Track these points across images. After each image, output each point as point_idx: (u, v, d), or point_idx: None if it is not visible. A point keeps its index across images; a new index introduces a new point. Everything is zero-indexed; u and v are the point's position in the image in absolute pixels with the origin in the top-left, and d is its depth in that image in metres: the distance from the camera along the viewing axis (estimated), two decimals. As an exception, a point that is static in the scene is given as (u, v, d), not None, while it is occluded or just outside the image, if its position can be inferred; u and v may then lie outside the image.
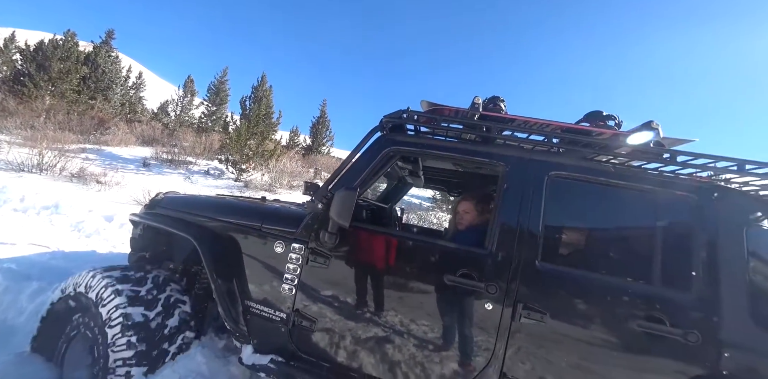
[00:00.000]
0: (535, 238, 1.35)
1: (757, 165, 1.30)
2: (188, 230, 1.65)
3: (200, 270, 2.01)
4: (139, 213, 1.97)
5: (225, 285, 1.55)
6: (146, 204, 2.01)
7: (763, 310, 1.17)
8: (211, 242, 1.61)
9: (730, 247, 1.24)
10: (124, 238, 3.82)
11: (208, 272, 1.52)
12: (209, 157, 13.14)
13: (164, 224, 1.72)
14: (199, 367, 1.60)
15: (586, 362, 1.25)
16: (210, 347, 1.82)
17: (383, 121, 1.60)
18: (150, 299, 1.56)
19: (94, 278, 1.55)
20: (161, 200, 1.99)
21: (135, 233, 2.00)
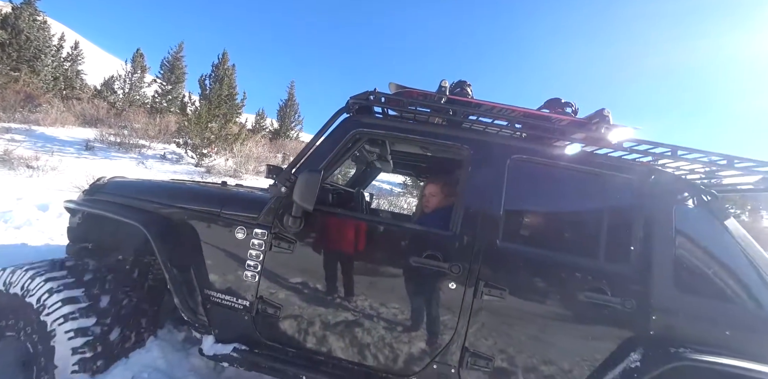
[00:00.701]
0: (496, 219, 1.41)
1: (687, 151, 1.44)
2: (137, 218, 1.51)
3: (153, 260, 1.87)
4: (76, 200, 1.77)
5: (181, 275, 1.46)
6: (85, 190, 1.80)
7: (684, 278, 1.33)
8: (164, 229, 1.50)
9: (661, 224, 1.38)
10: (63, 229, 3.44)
11: (161, 262, 1.42)
12: (165, 140, 12.12)
13: (108, 212, 1.56)
14: (155, 361, 1.53)
15: (540, 333, 1.35)
16: (168, 340, 1.74)
17: (350, 103, 1.55)
18: (95, 297, 1.42)
19: (33, 280, 1.37)
20: (104, 185, 1.79)
21: (73, 222, 1.79)
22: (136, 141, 11.01)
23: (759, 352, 1.25)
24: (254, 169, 10.99)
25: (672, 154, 1.47)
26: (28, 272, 1.37)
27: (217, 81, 12.07)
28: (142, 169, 9.34)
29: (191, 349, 1.79)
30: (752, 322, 1.29)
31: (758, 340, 1.27)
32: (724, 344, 1.27)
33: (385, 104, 1.57)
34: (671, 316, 1.30)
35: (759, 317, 1.29)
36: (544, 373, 1.34)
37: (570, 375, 1.32)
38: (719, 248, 1.39)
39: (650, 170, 1.49)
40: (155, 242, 1.44)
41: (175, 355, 1.68)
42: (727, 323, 1.29)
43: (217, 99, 10.91)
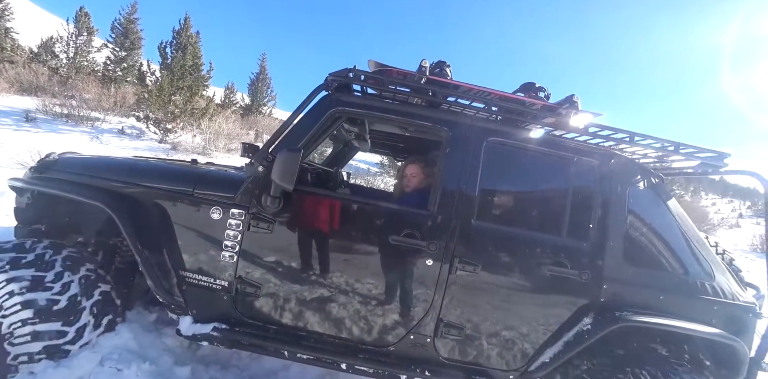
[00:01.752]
0: (472, 199, 1.47)
1: (642, 137, 1.55)
2: (100, 197, 1.41)
3: (120, 242, 1.79)
4: (23, 178, 1.61)
5: (153, 257, 1.42)
6: (33, 167, 1.63)
7: (631, 251, 1.50)
8: (132, 210, 1.42)
9: (616, 204, 1.52)
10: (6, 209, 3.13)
11: (131, 244, 1.36)
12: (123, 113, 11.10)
13: (65, 191, 1.44)
14: (126, 343, 1.52)
15: (507, 303, 1.48)
16: (138, 321, 1.72)
17: (328, 80, 1.49)
18: (58, 279, 1.34)
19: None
20: (55, 161, 1.63)
21: (20, 202, 1.64)
22: (87, 113, 9.98)
23: (683, 311, 1.47)
24: (225, 146, 10.45)
25: (630, 140, 1.59)
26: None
27: (180, 49, 11.00)
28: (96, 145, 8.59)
29: (164, 329, 1.79)
30: (680, 287, 1.49)
31: (683, 301, 1.48)
32: (658, 307, 1.47)
33: (364, 82, 1.53)
34: (619, 285, 1.47)
35: (686, 282, 1.50)
36: (509, 338, 1.48)
37: (531, 339, 1.48)
38: (661, 225, 1.56)
39: (611, 155, 1.61)
40: (123, 223, 1.37)
41: (147, 336, 1.67)
42: (662, 289, 1.48)
43: (180, 69, 10.00)
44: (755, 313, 1.51)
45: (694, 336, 1.46)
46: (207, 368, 1.71)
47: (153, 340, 1.67)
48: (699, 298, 1.49)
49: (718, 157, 1.64)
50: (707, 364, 1.54)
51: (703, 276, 1.52)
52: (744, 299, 1.53)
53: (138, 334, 1.62)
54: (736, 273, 1.90)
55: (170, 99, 9.91)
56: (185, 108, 10.15)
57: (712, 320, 1.47)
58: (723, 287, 1.52)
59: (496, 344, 1.48)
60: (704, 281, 1.51)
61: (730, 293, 1.52)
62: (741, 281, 1.80)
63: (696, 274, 1.52)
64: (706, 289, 1.50)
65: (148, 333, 1.70)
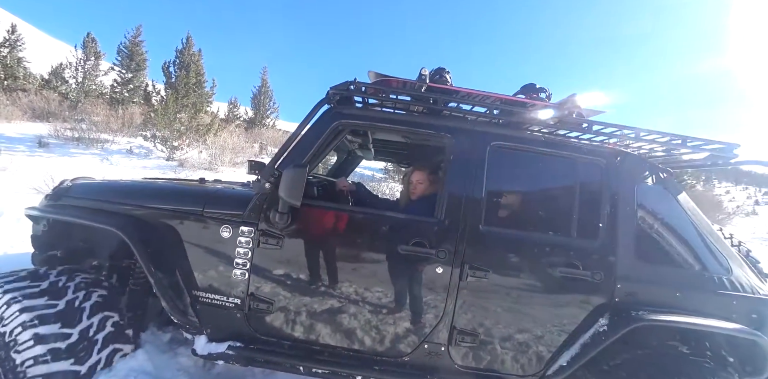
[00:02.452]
0: (478, 204, 1.47)
1: (647, 132, 1.54)
2: (112, 222, 1.45)
3: (133, 264, 1.82)
4: (39, 206, 1.66)
5: (166, 278, 1.43)
6: (48, 194, 1.68)
7: (643, 249, 1.47)
8: (143, 232, 1.45)
9: (625, 201, 1.50)
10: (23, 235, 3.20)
11: (144, 266, 1.38)
12: (131, 133, 11.37)
13: (78, 218, 1.48)
14: (141, 365, 1.53)
15: (520, 307, 1.46)
16: (153, 342, 1.73)
17: (330, 94, 1.52)
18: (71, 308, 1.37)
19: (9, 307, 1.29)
20: (69, 188, 1.68)
21: (37, 229, 1.68)
22: (97, 135, 10.24)
23: (701, 308, 1.43)
24: (230, 160, 10.59)
25: (635, 136, 1.57)
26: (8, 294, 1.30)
27: (183, 68, 11.33)
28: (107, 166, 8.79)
29: (178, 349, 1.80)
30: (697, 283, 1.46)
31: (701, 298, 1.45)
32: (675, 304, 1.43)
33: (365, 94, 1.55)
34: (633, 283, 1.44)
35: (703, 278, 1.46)
36: (525, 342, 1.45)
37: (547, 343, 1.45)
38: (672, 221, 1.53)
39: (616, 152, 1.59)
40: (135, 246, 1.39)
41: (162, 357, 1.69)
42: (678, 286, 1.45)
43: (184, 87, 10.28)
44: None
45: (715, 333, 1.42)
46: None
47: (168, 360, 1.68)
48: (717, 293, 1.45)
49: (727, 149, 1.61)
50: (731, 361, 1.49)
51: (720, 270, 1.48)
52: (764, 292, 1.49)
53: (153, 355, 1.64)
54: (754, 265, 1.84)
55: (176, 117, 10.17)
56: (190, 125, 10.38)
57: (733, 315, 1.42)
58: (741, 281, 1.48)
59: (512, 350, 1.46)
60: (721, 275, 1.47)
61: (750, 287, 1.48)
62: (760, 272, 1.74)
63: (712, 268, 1.48)
64: (723, 283, 1.46)
65: (162, 354, 1.71)
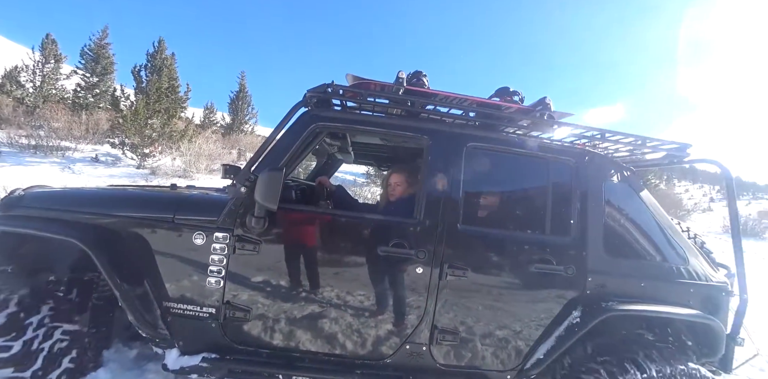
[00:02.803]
0: (456, 204, 1.50)
1: (612, 134, 1.64)
2: (71, 233, 1.34)
3: (97, 276, 1.70)
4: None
5: (133, 290, 1.35)
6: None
7: (611, 243, 1.54)
8: (107, 243, 1.36)
9: (594, 198, 1.58)
10: None
11: (109, 278, 1.30)
12: (96, 140, 10.77)
13: (33, 229, 1.37)
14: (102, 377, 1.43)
15: (498, 303, 1.49)
16: (118, 360, 1.63)
17: (307, 96, 1.51)
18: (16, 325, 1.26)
19: None
20: (21, 197, 1.55)
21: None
22: (56, 143, 9.62)
23: (663, 296, 1.52)
24: (207, 167, 10.25)
25: (602, 137, 1.67)
26: None
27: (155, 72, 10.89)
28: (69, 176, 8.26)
29: (146, 365, 1.70)
30: (659, 273, 1.55)
31: (662, 287, 1.54)
32: (640, 294, 1.51)
33: (343, 97, 1.56)
34: (602, 276, 1.51)
35: (663, 268, 1.56)
36: (503, 338, 1.48)
37: (525, 337, 1.49)
38: (636, 216, 1.63)
39: (585, 152, 1.68)
40: (98, 257, 1.30)
41: (128, 374, 1.60)
42: (642, 276, 1.53)
43: (156, 92, 9.87)
44: (727, 292, 1.59)
45: (675, 319, 1.51)
46: None
47: (134, 376, 1.57)
48: (676, 282, 1.54)
49: (680, 148, 1.73)
50: (689, 344, 1.59)
51: (679, 261, 1.59)
52: (717, 280, 1.60)
53: (117, 373, 1.54)
54: (707, 255, 1.98)
55: (147, 123, 9.72)
56: (163, 131, 9.97)
57: (690, 301, 1.52)
58: (697, 270, 1.59)
59: (491, 346, 1.48)
60: (679, 265, 1.57)
61: (704, 275, 1.59)
62: (713, 262, 1.88)
63: (672, 259, 1.58)
64: (681, 273, 1.56)
65: (128, 371, 1.61)
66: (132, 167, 9.98)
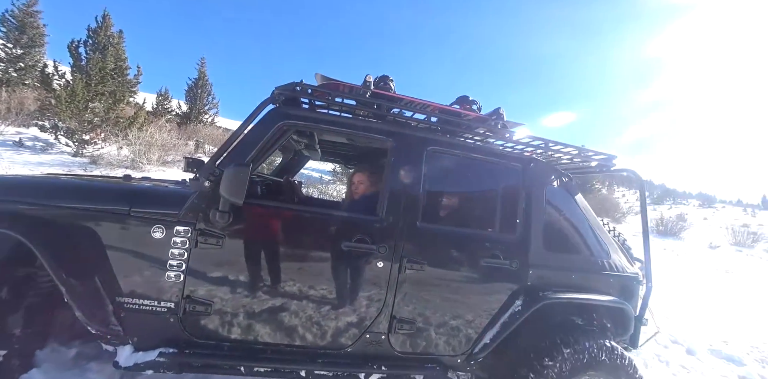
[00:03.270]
0: (416, 203, 1.62)
1: (554, 143, 1.86)
2: (6, 224, 1.25)
3: (33, 272, 1.58)
4: None
5: (81, 285, 1.28)
6: None
7: (549, 240, 1.76)
8: (50, 236, 1.28)
9: (536, 200, 1.79)
10: None
11: (53, 273, 1.22)
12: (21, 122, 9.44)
13: None
14: None
15: (451, 295, 1.64)
16: (53, 360, 1.52)
17: (275, 94, 1.53)
18: None
19: None
20: None
21: None
22: (-32, 122, 8.28)
23: (590, 286, 1.78)
24: (160, 159, 9.45)
25: (545, 147, 1.89)
26: None
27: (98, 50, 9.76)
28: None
29: (87, 365, 1.62)
30: (587, 266, 1.81)
31: (590, 277, 1.80)
32: (572, 284, 1.76)
33: (311, 96, 1.60)
34: (541, 269, 1.72)
35: (590, 261, 1.82)
36: (455, 326, 1.64)
37: (474, 324, 1.66)
38: (571, 216, 1.88)
39: (531, 159, 1.90)
40: (40, 251, 1.22)
41: (66, 374, 1.51)
42: (574, 269, 1.78)
43: (99, 73, 8.86)
44: (638, 281, 1.90)
45: (598, 305, 1.79)
46: None
47: (75, 376, 1.49)
48: (600, 273, 1.81)
49: (608, 159, 2.02)
50: (609, 326, 1.88)
51: (603, 255, 1.86)
52: (631, 271, 1.91)
53: (54, 375, 1.45)
54: (627, 250, 2.34)
55: (87, 106, 8.70)
56: (107, 116, 8.99)
57: (610, 290, 1.80)
58: (617, 263, 1.88)
59: (445, 333, 1.63)
60: (604, 259, 1.85)
61: (621, 267, 1.89)
62: (630, 256, 2.23)
63: (598, 254, 1.85)
64: (605, 266, 1.84)
65: (67, 371, 1.52)
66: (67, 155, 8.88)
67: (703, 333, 3.74)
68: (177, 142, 10.47)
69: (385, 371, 1.54)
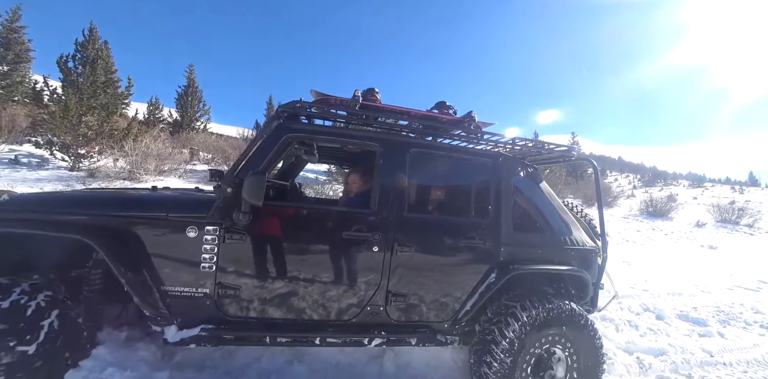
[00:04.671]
0: (402, 196, 1.93)
1: (520, 139, 2.18)
2: (77, 231, 1.53)
3: (87, 273, 1.87)
4: None
5: (136, 277, 1.58)
6: None
7: (518, 222, 2.09)
8: (110, 238, 1.57)
9: (505, 189, 2.12)
10: None
11: (116, 268, 1.51)
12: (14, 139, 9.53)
13: (36, 229, 1.53)
14: (104, 357, 1.68)
15: (437, 272, 1.96)
16: (111, 340, 1.86)
17: (279, 111, 1.83)
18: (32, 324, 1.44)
19: None
20: (6, 202, 1.68)
21: None
22: (-38, 142, 8.37)
23: (553, 258, 2.11)
24: (156, 168, 9.63)
25: (512, 143, 2.21)
26: None
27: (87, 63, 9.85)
28: (-22, 180, 7.30)
29: (136, 344, 1.94)
30: (550, 242, 2.15)
31: (553, 252, 2.13)
32: (538, 258, 2.09)
33: (309, 112, 1.90)
34: (512, 247, 2.05)
35: (553, 238, 2.16)
36: (441, 297, 1.97)
37: (457, 295, 1.98)
38: (536, 201, 2.21)
39: (499, 155, 2.22)
40: (106, 251, 1.50)
41: (122, 351, 1.82)
42: (539, 246, 2.12)
43: (91, 87, 8.99)
44: (596, 252, 2.25)
45: (559, 273, 2.12)
46: (183, 372, 1.89)
47: (128, 354, 1.82)
48: (562, 248, 2.15)
49: (568, 150, 2.35)
50: (573, 292, 2.22)
51: (565, 232, 2.20)
52: (589, 245, 2.26)
53: (113, 350, 1.76)
54: (592, 229, 2.69)
55: (80, 120, 8.84)
56: (101, 130, 9.14)
57: (572, 261, 2.14)
58: (576, 239, 2.22)
59: (432, 303, 1.95)
60: (565, 236, 2.19)
61: (582, 242, 2.23)
62: (594, 234, 2.57)
63: (560, 232, 2.19)
64: (566, 241, 2.18)
65: (122, 349, 1.83)
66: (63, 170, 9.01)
67: (675, 302, 4.14)
68: (172, 151, 10.64)
69: (384, 336, 1.87)
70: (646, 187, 46.51)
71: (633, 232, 11.71)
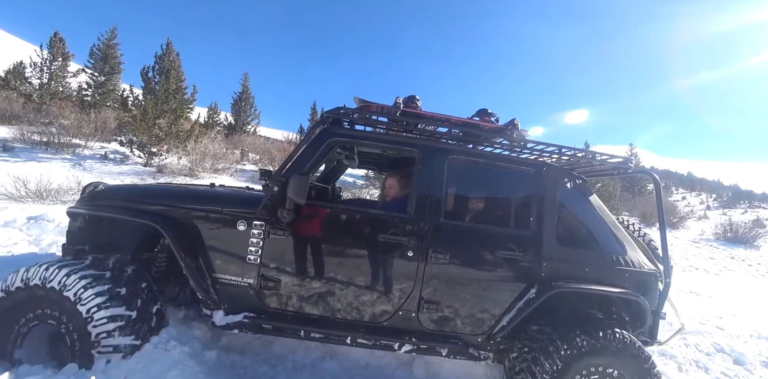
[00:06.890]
0: (439, 203, 1.92)
1: (567, 149, 2.06)
2: (152, 219, 1.77)
3: (154, 256, 2.13)
4: (78, 206, 1.97)
5: (194, 263, 1.77)
6: (83, 197, 2.00)
7: (562, 236, 1.96)
8: (175, 227, 1.78)
9: (550, 201, 2.00)
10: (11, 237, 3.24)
11: (178, 253, 1.72)
12: (105, 138, 11.13)
13: (122, 215, 1.81)
14: (168, 331, 1.86)
15: (471, 282, 1.90)
16: (172, 316, 2.06)
17: (324, 117, 1.94)
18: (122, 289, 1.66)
19: (69, 277, 1.57)
20: (103, 191, 2.01)
21: (74, 226, 1.98)
22: (68, 140, 9.96)
23: (603, 279, 1.93)
24: (212, 167, 10.62)
25: (558, 152, 2.09)
26: (62, 269, 1.58)
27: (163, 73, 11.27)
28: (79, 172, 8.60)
29: (191, 323, 2.14)
30: (600, 261, 1.97)
31: (603, 271, 1.95)
32: (585, 277, 1.93)
33: (352, 118, 1.99)
34: (554, 262, 1.93)
35: (604, 257, 1.98)
36: (476, 308, 1.90)
37: (492, 309, 1.90)
38: (584, 215, 2.06)
39: (544, 164, 2.11)
40: (171, 238, 1.72)
41: (180, 327, 2.02)
42: (586, 263, 1.95)
43: (164, 94, 10.25)
44: (656, 277, 2.01)
45: (613, 297, 1.93)
46: (228, 353, 2.05)
47: (185, 330, 2.01)
48: (614, 268, 1.96)
49: (624, 162, 2.16)
50: (627, 319, 2.01)
51: (618, 251, 2.00)
52: (648, 268, 2.02)
53: (174, 325, 1.96)
54: (652, 251, 2.41)
55: (154, 122, 10.10)
56: (170, 131, 10.34)
57: (625, 283, 1.94)
58: (632, 259, 2.01)
59: (466, 314, 1.90)
60: (618, 255, 1.99)
61: (638, 263, 2.01)
62: (655, 256, 2.30)
63: (611, 250, 2.00)
64: (619, 261, 1.98)
65: (180, 326, 2.03)
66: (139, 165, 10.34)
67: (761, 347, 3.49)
68: (225, 152, 11.67)
69: (415, 343, 1.85)
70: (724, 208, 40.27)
71: (704, 259, 10.21)
